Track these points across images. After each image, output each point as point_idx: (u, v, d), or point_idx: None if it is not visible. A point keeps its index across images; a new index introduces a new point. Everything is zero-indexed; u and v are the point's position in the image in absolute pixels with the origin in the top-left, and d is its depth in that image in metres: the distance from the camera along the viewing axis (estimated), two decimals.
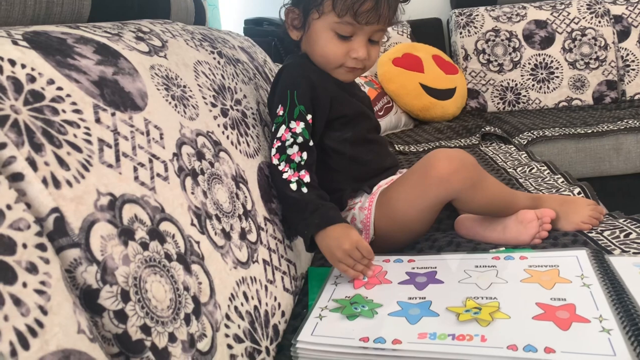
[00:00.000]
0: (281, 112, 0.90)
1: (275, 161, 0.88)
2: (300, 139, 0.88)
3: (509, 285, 0.72)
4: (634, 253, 0.81)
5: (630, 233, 0.88)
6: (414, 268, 0.81)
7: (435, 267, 0.81)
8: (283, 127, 0.89)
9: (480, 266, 0.79)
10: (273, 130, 0.91)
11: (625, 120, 1.88)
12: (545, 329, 0.61)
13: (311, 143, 0.90)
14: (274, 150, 0.89)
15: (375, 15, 0.87)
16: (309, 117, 0.91)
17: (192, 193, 0.63)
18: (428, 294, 0.73)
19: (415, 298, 0.72)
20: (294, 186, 0.85)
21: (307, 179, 0.86)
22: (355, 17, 0.87)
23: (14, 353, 0.33)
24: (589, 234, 0.90)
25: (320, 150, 0.94)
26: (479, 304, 0.68)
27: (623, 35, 2.35)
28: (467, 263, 0.81)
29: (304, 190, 0.85)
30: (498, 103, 2.34)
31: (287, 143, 0.88)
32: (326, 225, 0.81)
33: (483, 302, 0.68)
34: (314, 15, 0.91)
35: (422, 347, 0.61)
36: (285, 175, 0.86)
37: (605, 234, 0.89)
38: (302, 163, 0.87)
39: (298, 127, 0.89)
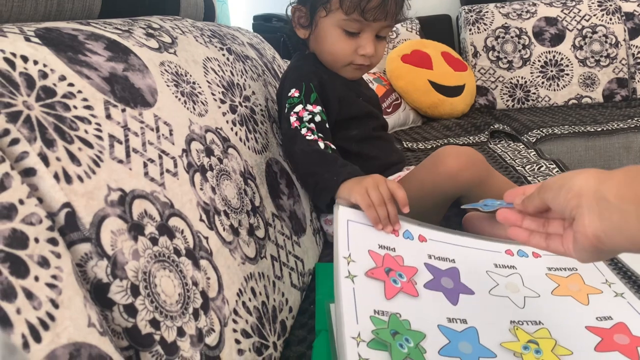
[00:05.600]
0: (297, 94, 0.90)
1: (295, 126, 0.87)
2: (318, 118, 0.89)
3: (543, 301, 0.67)
4: None
5: None
6: (430, 257, 0.73)
7: (454, 260, 0.73)
8: (300, 106, 0.89)
9: (499, 265, 0.74)
10: (286, 110, 0.90)
11: (636, 119, 1.87)
12: None
13: (327, 125, 0.90)
14: (292, 118, 0.88)
15: (382, 12, 0.88)
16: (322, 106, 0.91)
17: (201, 189, 0.63)
18: (466, 314, 0.65)
19: (456, 321, 0.64)
20: (321, 144, 0.85)
21: (333, 146, 0.86)
22: (362, 14, 0.87)
23: (26, 345, 0.34)
24: None
25: None
26: (529, 333, 0.62)
27: (634, 32, 2.34)
28: (484, 259, 0.75)
29: (330, 151, 0.85)
30: (507, 100, 2.33)
31: (305, 119, 0.88)
32: (356, 175, 0.80)
33: (531, 331, 0.63)
34: (321, 13, 0.91)
35: None
36: (309, 137, 0.86)
37: None
38: (322, 136, 0.88)
39: (315, 109, 0.89)
